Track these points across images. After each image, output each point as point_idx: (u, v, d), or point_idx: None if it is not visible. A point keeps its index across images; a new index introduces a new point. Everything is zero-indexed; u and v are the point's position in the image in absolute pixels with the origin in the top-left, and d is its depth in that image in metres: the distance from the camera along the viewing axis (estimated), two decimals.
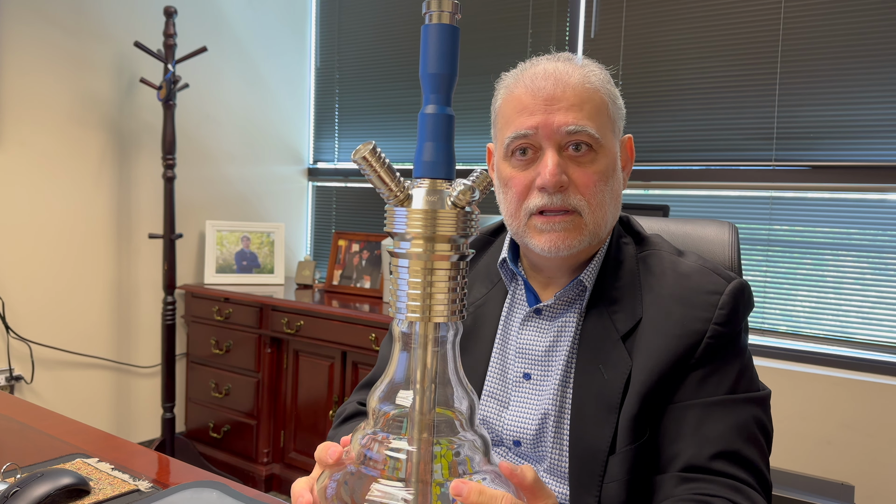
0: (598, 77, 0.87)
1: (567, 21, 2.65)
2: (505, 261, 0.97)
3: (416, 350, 0.52)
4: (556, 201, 0.84)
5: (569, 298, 0.92)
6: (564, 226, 0.85)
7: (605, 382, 0.84)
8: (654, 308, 0.86)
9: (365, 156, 0.50)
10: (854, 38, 2.12)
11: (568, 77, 0.85)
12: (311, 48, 3.40)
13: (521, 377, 0.92)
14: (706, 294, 0.84)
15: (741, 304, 0.85)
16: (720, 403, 0.80)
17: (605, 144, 0.86)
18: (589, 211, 0.85)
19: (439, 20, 0.51)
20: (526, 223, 0.87)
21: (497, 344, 0.95)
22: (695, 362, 0.82)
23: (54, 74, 2.41)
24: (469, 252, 0.53)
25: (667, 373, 0.82)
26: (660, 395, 0.82)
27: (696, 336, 0.82)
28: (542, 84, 0.85)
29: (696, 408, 0.81)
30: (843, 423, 2.05)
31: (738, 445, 0.78)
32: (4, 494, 0.79)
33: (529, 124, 0.85)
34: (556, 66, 0.87)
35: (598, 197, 0.86)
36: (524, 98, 0.86)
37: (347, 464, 0.53)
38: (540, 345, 0.91)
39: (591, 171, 0.85)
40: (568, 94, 0.84)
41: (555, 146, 0.85)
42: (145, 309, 2.75)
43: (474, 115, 2.87)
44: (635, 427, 0.81)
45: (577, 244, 0.86)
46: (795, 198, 2.24)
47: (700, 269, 0.87)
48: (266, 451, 2.68)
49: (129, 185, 2.67)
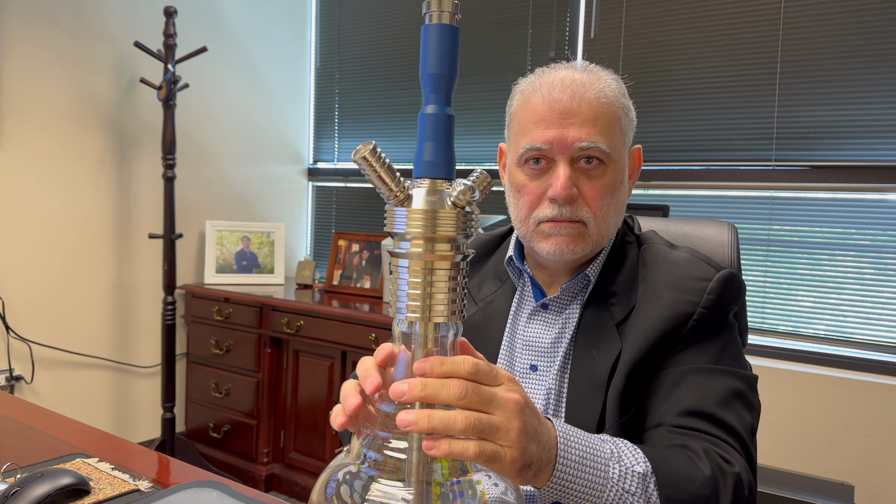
0: (613, 90, 0.90)
1: (567, 21, 2.65)
2: (511, 259, 1.01)
3: (416, 350, 0.52)
4: (566, 213, 0.88)
5: (573, 292, 0.95)
6: (570, 231, 0.89)
7: (595, 365, 0.88)
8: (647, 295, 0.90)
9: (365, 156, 0.50)
10: (854, 38, 2.12)
11: (584, 91, 0.88)
12: (311, 48, 3.40)
13: (528, 369, 0.95)
14: (695, 280, 0.88)
15: (729, 291, 0.88)
16: (697, 371, 0.84)
17: (614, 158, 0.90)
18: (594, 223, 0.90)
19: (439, 20, 0.51)
20: (534, 229, 0.92)
21: (506, 338, 0.99)
22: (679, 340, 0.86)
23: (54, 74, 2.41)
24: (469, 252, 0.53)
25: (653, 350, 0.86)
26: (646, 372, 0.86)
27: (684, 318, 0.86)
28: (558, 96, 0.88)
29: (674, 374, 0.85)
30: (843, 423, 2.05)
31: (712, 408, 0.81)
32: (4, 494, 0.79)
33: (545, 138, 0.88)
34: (573, 76, 0.90)
35: (604, 210, 0.90)
36: (540, 108, 0.89)
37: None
38: (546, 338, 0.95)
39: (599, 185, 0.89)
40: (584, 109, 0.87)
41: (567, 159, 0.88)
42: (145, 309, 2.75)
43: (474, 115, 2.87)
44: (623, 403, 0.85)
45: (580, 251, 0.90)
46: (795, 198, 2.24)
47: (691, 258, 0.92)
48: (266, 451, 2.68)
49: (129, 185, 2.67)
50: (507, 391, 0.54)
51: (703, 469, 0.71)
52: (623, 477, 0.66)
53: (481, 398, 0.52)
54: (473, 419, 0.51)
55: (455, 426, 0.50)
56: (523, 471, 0.56)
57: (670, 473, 0.70)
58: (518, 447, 0.54)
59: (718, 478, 0.72)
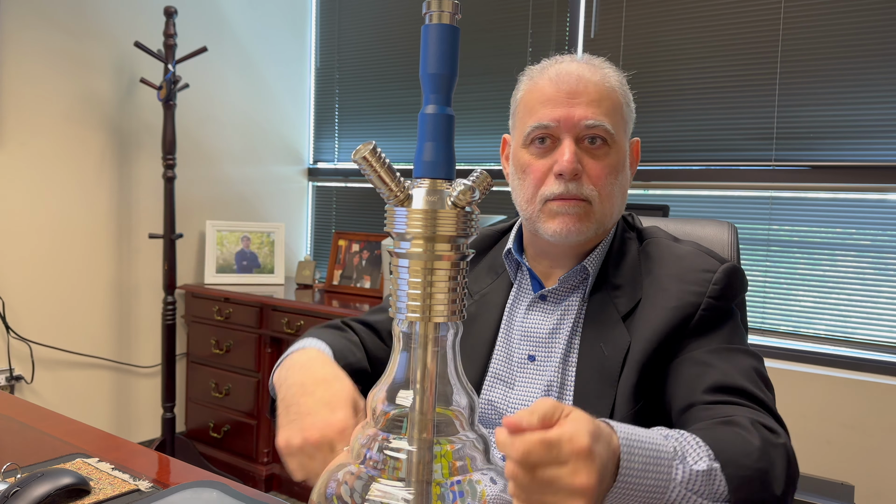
0: (615, 79, 0.94)
1: (567, 21, 2.65)
2: (510, 251, 1.01)
3: (416, 350, 0.52)
4: (571, 189, 0.90)
5: (572, 284, 0.97)
6: (577, 210, 0.91)
7: (605, 358, 0.89)
8: (653, 288, 0.91)
9: (365, 156, 0.50)
10: (854, 38, 2.12)
11: (590, 75, 0.92)
12: (311, 48, 3.40)
13: (525, 359, 0.96)
14: (701, 272, 0.90)
15: (735, 282, 0.90)
16: (715, 351, 0.85)
17: (618, 140, 0.93)
18: (599, 201, 0.91)
19: (439, 20, 0.51)
20: (540, 208, 0.93)
21: (503, 329, 0.99)
22: (689, 331, 0.87)
23: (54, 75, 2.41)
24: (469, 252, 0.53)
25: (663, 342, 0.87)
26: (657, 364, 0.87)
27: (691, 308, 0.87)
28: (565, 78, 0.91)
29: (691, 358, 0.85)
30: (844, 423, 2.05)
31: (742, 382, 0.81)
32: (4, 494, 0.79)
33: (552, 116, 0.91)
34: (578, 66, 0.94)
35: (608, 188, 0.92)
36: (548, 89, 0.92)
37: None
38: (544, 327, 0.96)
39: (603, 164, 0.91)
40: (590, 90, 0.91)
41: (572, 137, 0.90)
42: (145, 309, 2.75)
43: (474, 115, 2.87)
44: (634, 395, 0.86)
45: (585, 231, 0.92)
46: (795, 198, 2.24)
47: (695, 251, 0.93)
48: (266, 451, 2.68)
49: (129, 185, 2.67)
50: (572, 474, 0.52)
51: (753, 441, 0.71)
52: (687, 479, 0.65)
53: (540, 486, 0.52)
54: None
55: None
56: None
57: (728, 453, 0.68)
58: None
59: (769, 449, 0.71)
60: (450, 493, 0.50)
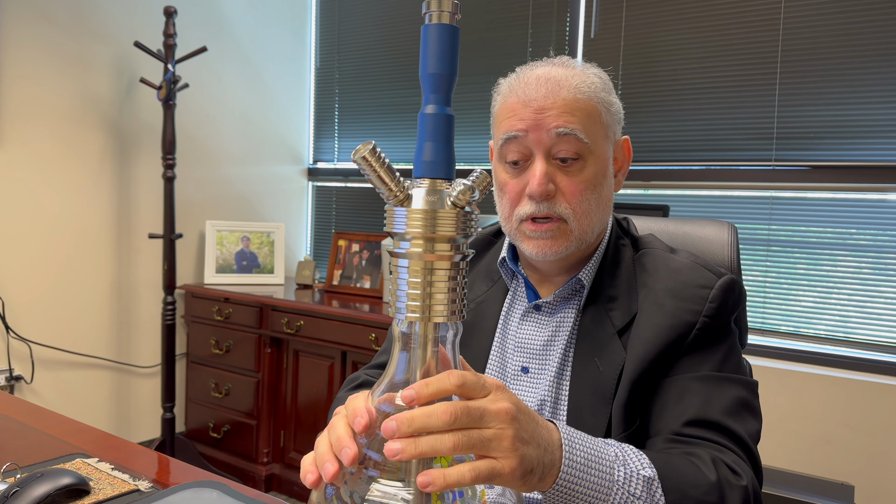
0: (590, 85, 0.89)
1: (567, 21, 2.65)
2: (504, 260, 1.00)
3: (415, 350, 0.52)
4: (543, 209, 0.88)
5: (566, 295, 0.95)
6: (552, 234, 0.89)
7: (600, 374, 0.88)
8: (648, 302, 0.89)
9: (365, 156, 0.50)
10: (854, 38, 2.12)
11: (559, 88, 0.87)
12: (311, 48, 3.40)
13: (519, 371, 0.95)
14: (697, 288, 0.88)
15: (730, 299, 0.88)
16: (702, 379, 0.84)
17: (594, 151, 0.89)
18: (574, 219, 0.89)
19: (439, 20, 0.51)
20: (517, 228, 0.91)
21: (497, 339, 0.98)
22: (683, 350, 0.86)
23: (54, 75, 2.41)
24: (469, 252, 0.53)
25: (657, 360, 0.85)
26: (650, 382, 0.86)
27: (687, 327, 0.85)
28: (533, 94, 0.88)
29: (678, 382, 0.84)
30: (843, 423, 2.05)
31: (719, 417, 0.80)
32: (4, 494, 0.79)
33: (521, 127, 0.88)
34: (550, 72, 0.89)
35: (584, 205, 0.89)
36: (516, 107, 0.89)
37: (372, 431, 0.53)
38: (538, 339, 0.94)
39: (578, 181, 0.88)
40: (558, 104, 0.87)
41: (544, 152, 0.88)
42: (145, 309, 2.75)
43: (474, 115, 2.87)
44: (627, 415, 0.85)
45: (563, 250, 0.90)
46: (795, 198, 2.24)
47: (691, 264, 0.91)
48: (266, 451, 2.68)
49: (129, 185, 2.67)
50: (497, 401, 0.53)
51: (708, 475, 0.71)
52: (628, 480, 0.65)
53: (471, 417, 0.51)
54: (463, 438, 0.50)
55: (443, 447, 0.49)
56: (526, 477, 0.55)
57: (676, 479, 0.69)
58: (515, 455, 0.53)
59: (725, 487, 0.71)
60: (449, 493, 0.50)
